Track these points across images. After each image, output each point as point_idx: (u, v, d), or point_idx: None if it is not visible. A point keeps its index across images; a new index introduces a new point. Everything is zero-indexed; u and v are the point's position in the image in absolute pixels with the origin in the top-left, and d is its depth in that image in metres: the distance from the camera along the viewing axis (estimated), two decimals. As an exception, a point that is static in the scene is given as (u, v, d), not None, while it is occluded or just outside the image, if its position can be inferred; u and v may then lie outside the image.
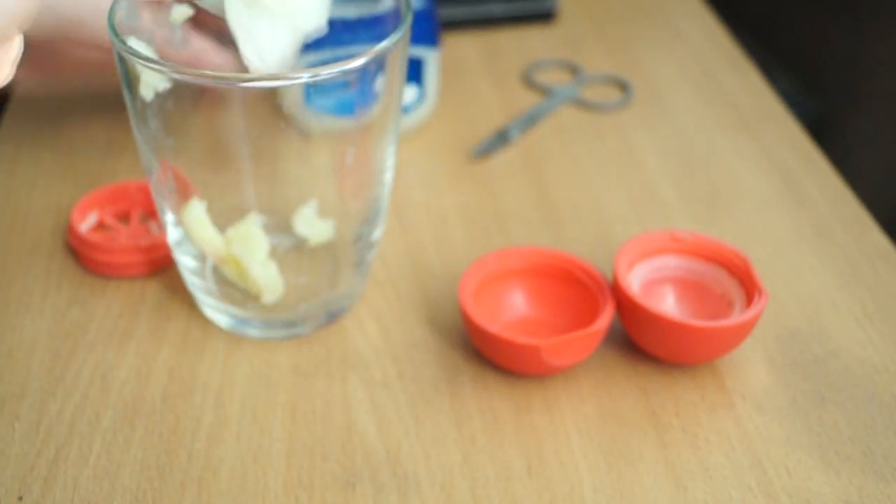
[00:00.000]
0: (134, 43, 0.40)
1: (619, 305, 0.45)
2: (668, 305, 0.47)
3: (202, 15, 0.43)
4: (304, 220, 0.47)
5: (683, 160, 0.60)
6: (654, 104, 0.65)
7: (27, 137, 0.60)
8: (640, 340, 0.45)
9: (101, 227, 0.52)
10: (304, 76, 0.37)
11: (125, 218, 0.53)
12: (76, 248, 0.50)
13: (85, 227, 0.51)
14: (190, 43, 0.45)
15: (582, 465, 0.41)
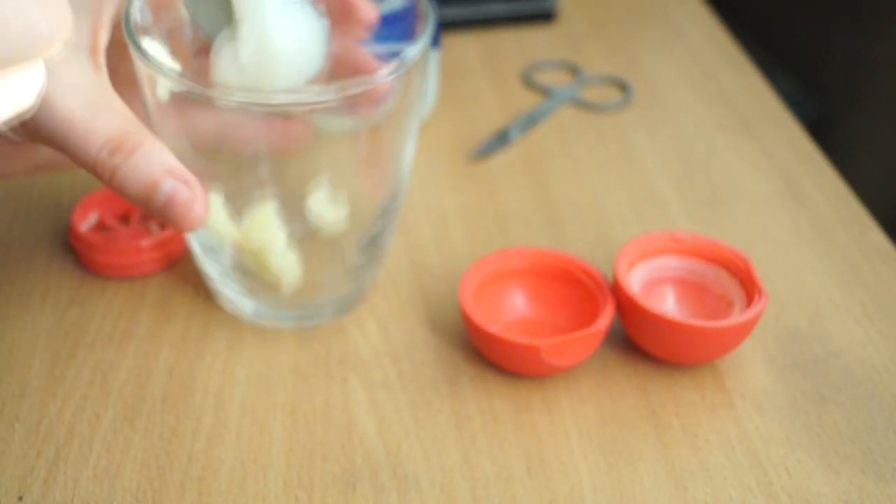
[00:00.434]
0: (148, 44, 0.40)
1: (619, 306, 0.45)
2: (668, 306, 0.47)
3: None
4: (317, 204, 0.46)
5: (684, 160, 0.60)
6: (654, 104, 0.65)
7: (27, 138, 0.60)
8: (640, 341, 0.45)
9: (101, 227, 0.52)
10: (326, 97, 0.37)
11: (125, 218, 0.53)
12: (76, 248, 0.50)
13: (85, 227, 0.51)
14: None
15: (582, 465, 0.41)
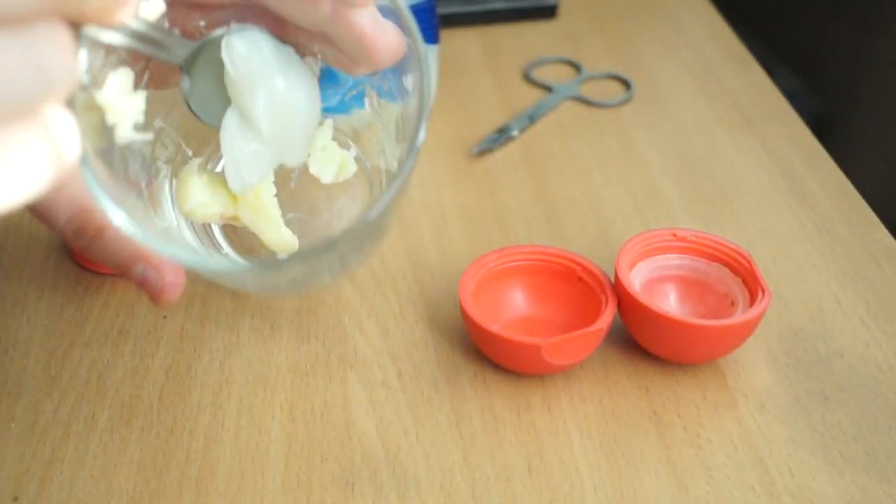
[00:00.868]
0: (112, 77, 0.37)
1: (620, 304, 0.44)
2: (669, 304, 0.47)
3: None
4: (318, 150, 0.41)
5: (685, 157, 0.59)
6: (655, 101, 0.65)
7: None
8: (641, 339, 0.45)
9: (98, 224, 0.52)
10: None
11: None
12: (72, 246, 0.50)
13: (82, 224, 0.51)
14: None
15: (582, 464, 0.41)
